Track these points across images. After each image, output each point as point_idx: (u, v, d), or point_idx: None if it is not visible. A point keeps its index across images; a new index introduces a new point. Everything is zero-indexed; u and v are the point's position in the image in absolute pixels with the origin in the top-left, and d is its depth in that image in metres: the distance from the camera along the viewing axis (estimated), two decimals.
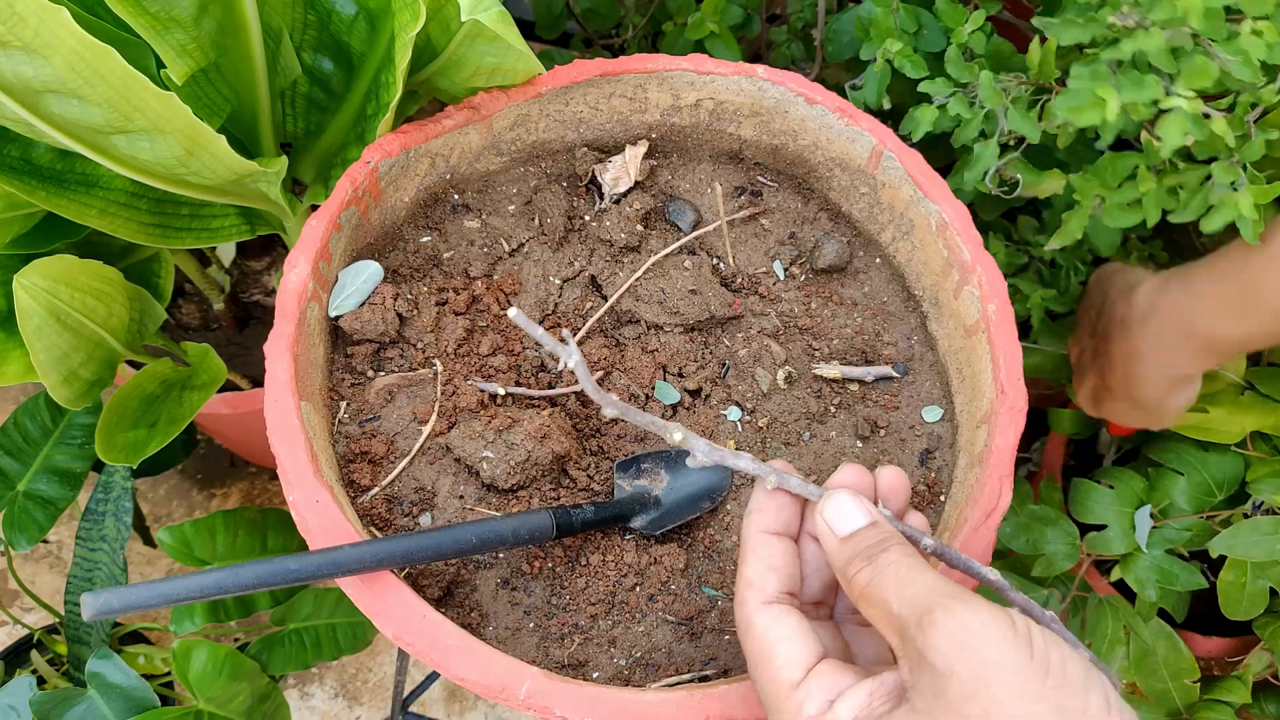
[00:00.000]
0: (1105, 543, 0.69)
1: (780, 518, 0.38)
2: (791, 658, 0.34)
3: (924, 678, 0.31)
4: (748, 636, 0.36)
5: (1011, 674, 0.29)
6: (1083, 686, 0.30)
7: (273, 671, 0.78)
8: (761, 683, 0.35)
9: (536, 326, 0.33)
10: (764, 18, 0.83)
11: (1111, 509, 0.70)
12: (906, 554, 0.34)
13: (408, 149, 0.54)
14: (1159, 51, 0.51)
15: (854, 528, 0.36)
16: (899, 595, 0.33)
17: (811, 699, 0.33)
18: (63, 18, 0.42)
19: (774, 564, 0.37)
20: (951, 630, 0.30)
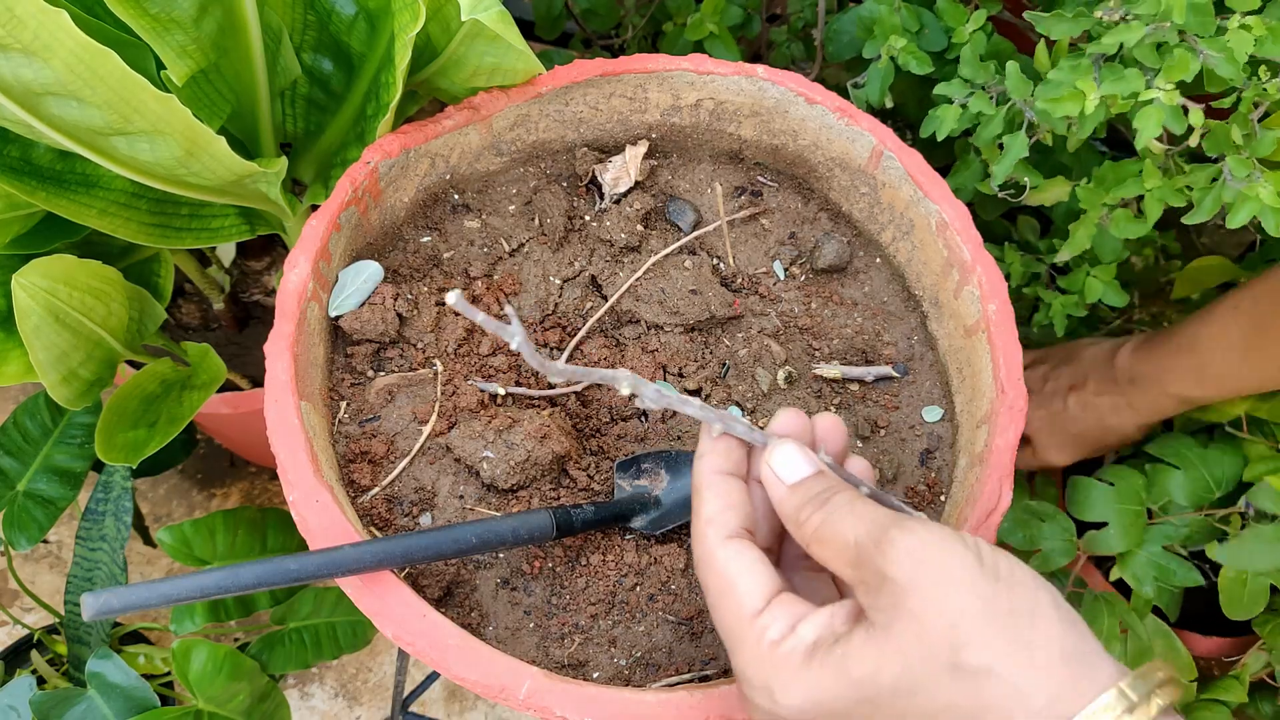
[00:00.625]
0: (1105, 541, 0.69)
1: (731, 458, 0.39)
2: (752, 588, 0.35)
3: (883, 595, 0.32)
4: (708, 571, 0.37)
5: (967, 581, 0.31)
6: (1032, 588, 0.32)
7: (273, 671, 0.78)
8: (722, 615, 0.36)
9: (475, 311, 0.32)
10: (764, 18, 0.83)
11: (1111, 506, 0.70)
12: (855, 496, 0.36)
13: (408, 149, 0.54)
14: (1140, 45, 0.51)
15: (801, 476, 0.37)
16: (854, 527, 0.34)
17: (774, 624, 0.34)
18: (62, 20, 0.42)
19: (731, 501, 0.38)
20: (910, 546, 0.32)
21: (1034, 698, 0.29)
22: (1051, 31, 0.56)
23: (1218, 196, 0.56)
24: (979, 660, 0.30)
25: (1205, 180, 0.57)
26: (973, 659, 0.30)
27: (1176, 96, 0.52)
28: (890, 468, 0.54)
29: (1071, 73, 0.55)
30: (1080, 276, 0.73)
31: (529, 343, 0.33)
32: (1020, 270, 0.78)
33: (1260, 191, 0.53)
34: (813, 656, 0.33)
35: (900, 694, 0.31)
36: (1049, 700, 0.29)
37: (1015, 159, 0.61)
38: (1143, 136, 0.53)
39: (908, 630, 0.31)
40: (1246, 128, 0.55)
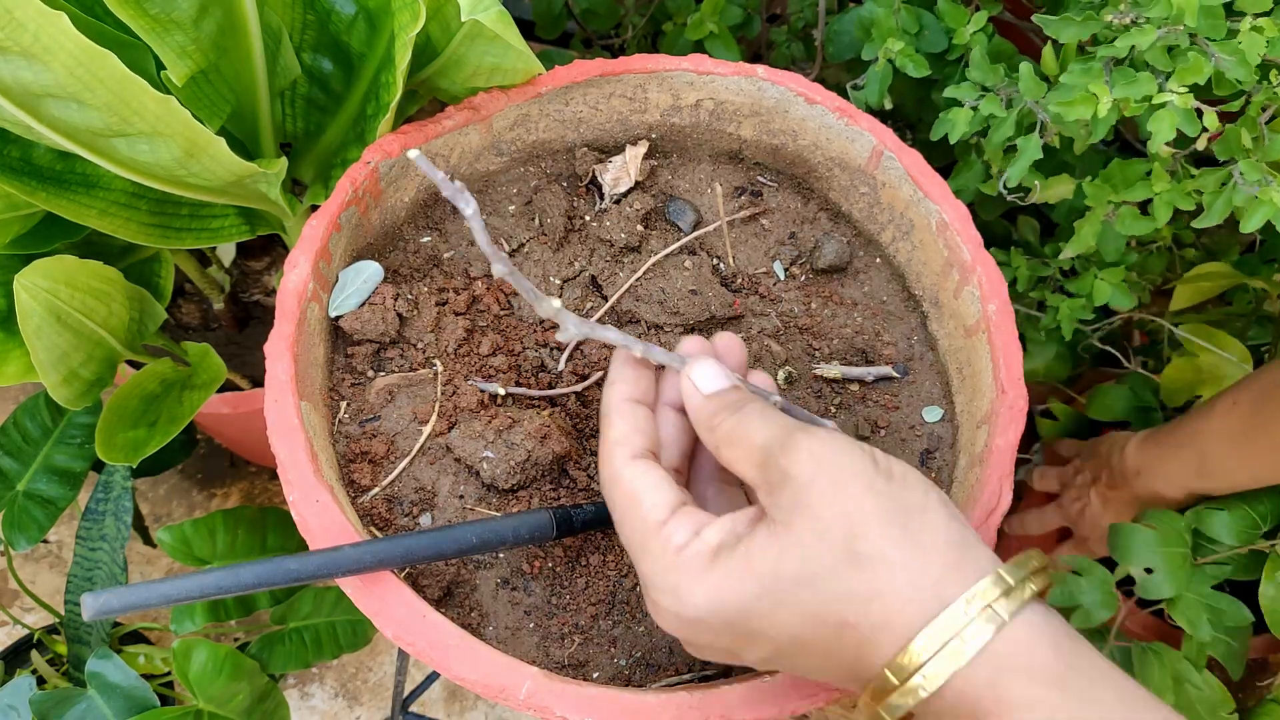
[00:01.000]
0: (1155, 587, 0.67)
1: (639, 386, 0.41)
2: (658, 501, 0.37)
3: (784, 494, 0.34)
4: (615, 488, 0.38)
5: (863, 478, 0.34)
6: (922, 489, 0.34)
7: (273, 670, 0.78)
8: (628, 528, 0.37)
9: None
10: (764, 18, 0.83)
11: (1156, 551, 0.68)
12: (766, 406, 0.38)
13: (408, 149, 0.54)
14: (1153, 48, 0.51)
15: (718, 387, 0.39)
16: (761, 430, 0.36)
17: (679, 530, 0.36)
18: (61, 23, 0.42)
19: (638, 425, 0.40)
20: (811, 447, 0.35)
21: (921, 581, 0.32)
22: (1060, 35, 0.56)
23: (1228, 200, 0.56)
24: (873, 548, 0.32)
25: (1215, 184, 0.57)
26: (867, 547, 0.32)
27: (1191, 99, 0.52)
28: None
29: (1084, 76, 0.55)
30: (1088, 279, 0.73)
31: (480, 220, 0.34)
32: (1027, 273, 0.78)
33: (1275, 196, 0.53)
34: (716, 557, 0.35)
35: (801, 584, 0.33)
36: (934, 583, 0.32)
37: (1029, 161, 0.61)
38: (1156, 140, 0.53)
39: (807, 524, 0.33)
40: (1255, 131, 0.55)
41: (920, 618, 0.32)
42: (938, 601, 0.32)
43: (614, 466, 0.39)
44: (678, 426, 0.42)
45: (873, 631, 0.32)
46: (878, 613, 0.32)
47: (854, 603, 0.32)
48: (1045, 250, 0.80)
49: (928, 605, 0.32)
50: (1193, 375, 0.75)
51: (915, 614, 0.32)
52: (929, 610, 0.32)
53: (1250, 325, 0.80)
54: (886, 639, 0.32)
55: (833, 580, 0.32)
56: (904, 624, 0.32)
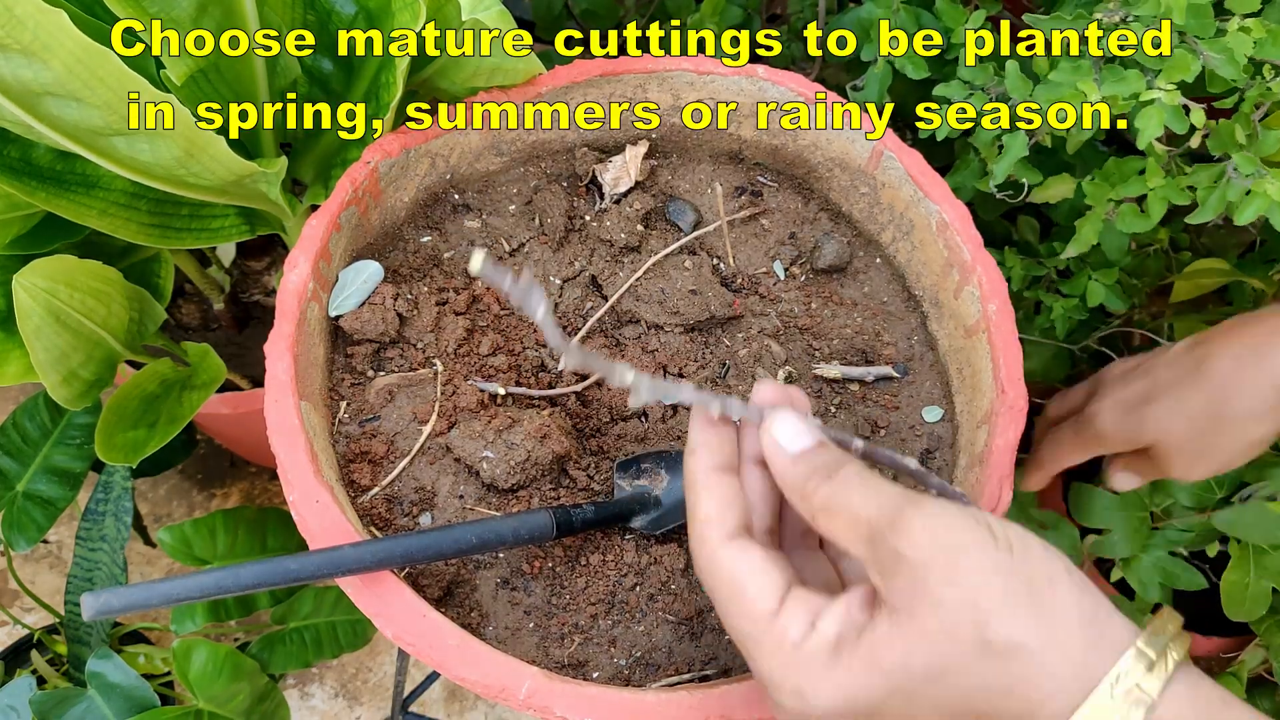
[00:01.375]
0: (1109, 546, 0.69)
1: (724, 453, 0.38)
2: (764, 587, 0.34)
3: (900, 577, 0.31)
4: (714, 575, 0.36)
5: (984, 557, 0.31)
6: (1044, 558, 0.32)
7: (274, 670, 0.78)
8: (735, 619, 0.35)
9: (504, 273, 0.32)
10: (764, 18, 0.83)
11: (1114, 512, 0.70)
12: (862, 468, 0.35)
13: (408, 149, 0.55)
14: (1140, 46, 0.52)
15: (804, 446, 0.36)
16: (865, 502, 0.33)
17: (793, 624, 0.33)
18: (61, 21, 0.42)
19: (728, 499, 0.37)
20: (924, 524, 0.32)
21: (1061, 668, 0.30)
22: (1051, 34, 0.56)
23: (1223, 194, 0.56)
24: (1004, 636, 0.30)
25: (1209, 179, 0.57)
26: (998, 635, 0.30)
27: (1178, 97, 0.52)
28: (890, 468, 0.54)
29: (1072, 74, 0.55)
30: (1082, 280, 0.73)
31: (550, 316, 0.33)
32: (1021, 273, 0.78)
33: (1268, 187, 0.53)
34: (839, 652, 0.32)
35: (932, 679, 0.31)
36: (1075, 667, 0.30)
37: (1015, 158, 0.61)
38: (1144, 136, 0.53)
39: (931, 612, 0.31)
40: (1249, 128, 0.55)
41: (1065, 707, 0.30)
42: (1080, 688, 0.30)
43: (709, 549, 0.36)
44: (764, 483, 0.39)
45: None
46: (1018, 705, 0.30)
47: (991, 696, 0.30)
48: (1041, 250, 0.80)
49: (1071, 693, 0.30)
50: None
51: (1059, 705, 0.30)
52: (1073, 699, 0.30)
53: None
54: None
55: (966, 674, 0.30)
56: (1048, 716, 0.30)
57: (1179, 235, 0.81)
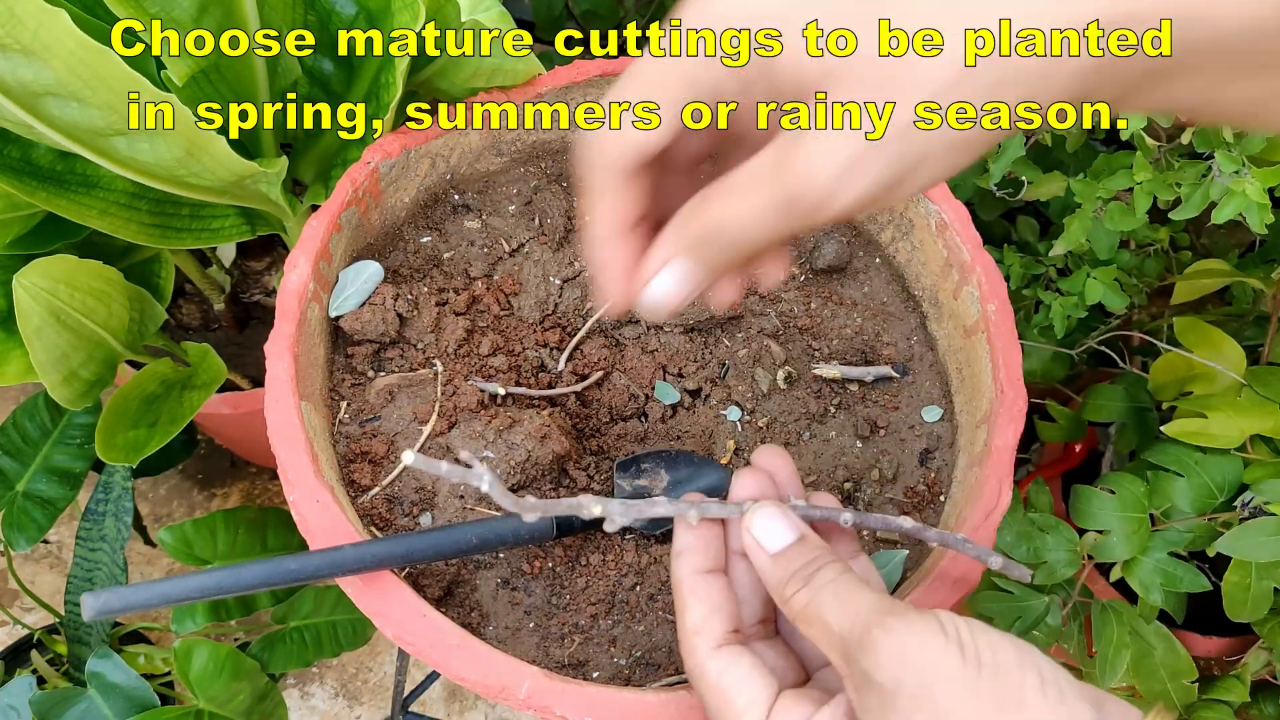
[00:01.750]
0: (1109, 548, 0.69)
1: (709, 553, 0.38)
2: (752, 699, 0.34)
3: (871, 696, 0.32)
4: (702, 684, 0.36)
5: (952, 677, 0.31)
6: (1017, 670, 0.31)
7: (274, 670, 0.78)
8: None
9: (437, 464, 0.32)
10: None
11: (1114, 514, 0.70)
12: (839, 571, 0.35)
13: (408, 149, 0.55)
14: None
15: (784, 544, 0.37)
16: (838, 616, 0.34)
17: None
18: (62, 21, 0.42)
19: (715, 605, 0.37)
20: (891, 647, 0.31)
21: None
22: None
23: (1206, 192, 0.56)
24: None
25: (1195, 176, 0.57)
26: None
27: None
28: (890, 468, 0.54)
29: None
30: (1080, 278, 0.73)
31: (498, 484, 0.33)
32: (1020, 272, 0.78)
33: (1247, 188, 0.53)
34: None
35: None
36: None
37: (1012, 158, 0.61)
38: (1130, 126, 0.54)
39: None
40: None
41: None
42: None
43: (698, 660, 0.36)
44: (753, 574, 0.39)
45: None
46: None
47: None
48: (1040, 249, 0.80)
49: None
50: (1184, 370, 0.75)
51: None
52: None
53: (1248, 325, 0.80)
54: None
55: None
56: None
57: (1179, 235, 0.81)
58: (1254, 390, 0.71)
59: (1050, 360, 0.83)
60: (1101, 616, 0.71)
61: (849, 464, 0.54)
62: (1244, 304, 0.82)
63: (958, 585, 0.44)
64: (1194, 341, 0.74)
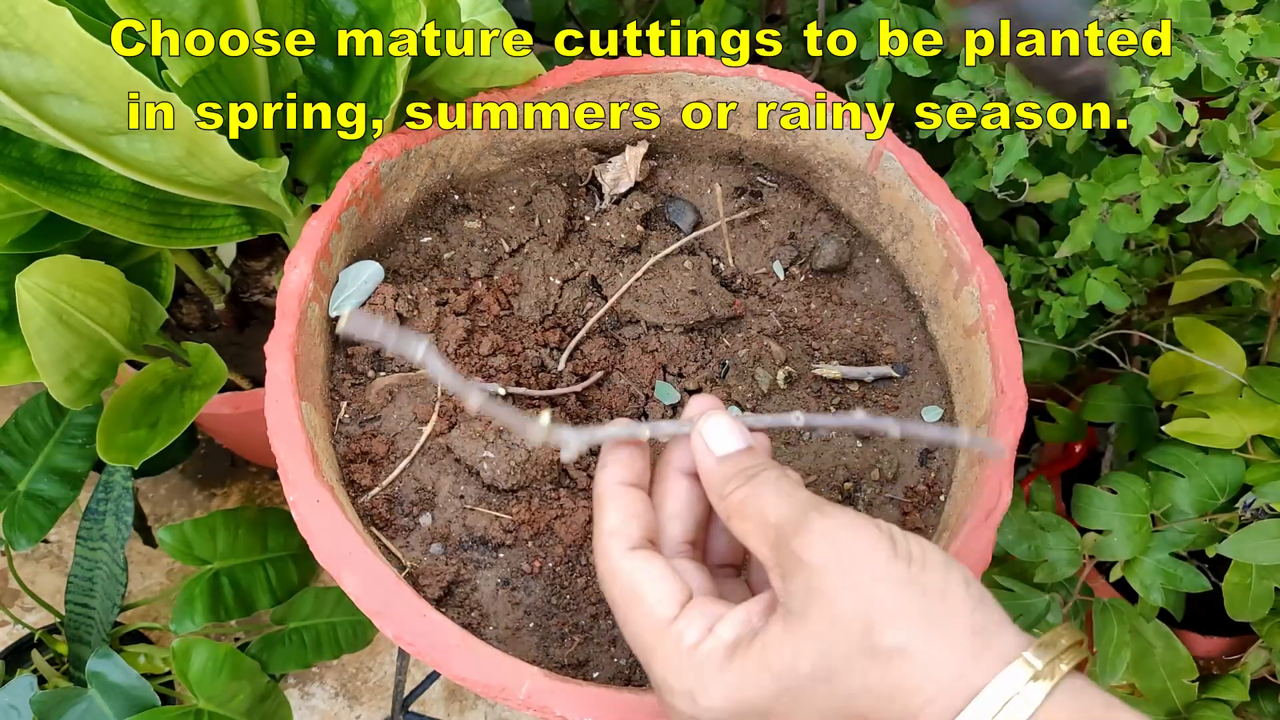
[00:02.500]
0: (1110, 548, 0.69)
1: (634, 469, 0.39)
2: (663, 595, 0.34)
3: (798, 579, 0.32)
4: (614, 584, 0.36)
5: (881, 563, 0.32)
6: (943, 570, 0.32)
7: (273, 670, 0.78)
8: (633, 627, 0.35)
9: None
10: (764, 18, 0.83)
11: (1115, 514, 0.70)
12: (781, 474, 0.36)
13: (408, 149, 0.55)
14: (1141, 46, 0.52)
15: (731, 449, 0.37)
16: (775, 506, 0.34)
17: (691, 627, 0.34)
18: (64, 20, 0.42)
19: (634, 512, 0.37)
20: (826, 529, 0.32)
21: (943, 672, 0.30)
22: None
23: (1214, 194, 0.56)
24: (892, 640, 0.31)
25: (1202, 179, 0.57)
26: (886, 639, 0.31)
27: (1171, 94, 0.53)
28: (890, 468, 0.54)
29: None
30: (1081, 278, 0.73)
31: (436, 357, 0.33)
32: (1020, 272, 0.78)
33: (1257, 189, 0.53)
34: (733, 654, 0.33)
35: (818, 680, 0.31)
36: (957, 674, 0.30)
37: (1015, 159, 0.61)
38: (1137, 132, 0.54)
39: (823, 615, 0.31)
40: (1244, 128, 0.55)
41: (944, 712, 0.30)
42: (962, 696, 0.30)
43: (611, 560, 0.36)
44: (690, 494, 0.39)
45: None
46: (898, 710, 0.30)
47: (874, 699, 0.31)
48: (1041, 249, 0.80)
49: (952, 700, 0.30)
50: (1184, 370, 0.75)
51: (937, 710, 0.30)
52: (953, 705, 0.30)
53: (1247, 325, 0.80)
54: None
55: (850, 676, 0.31)
56: None
57: (1179, 235, 0.81)
58: (1255, 390, 0.71)
59: (1050, 360, 0.83)
60: (1102, 615, 0.71)
61: (849, 464, 0.54)
62: (1244, 304, 0.82)
63: None
64: (1194, 341, 0.74)
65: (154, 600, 0.87)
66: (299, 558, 0.83)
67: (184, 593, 0.75)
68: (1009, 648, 0.31)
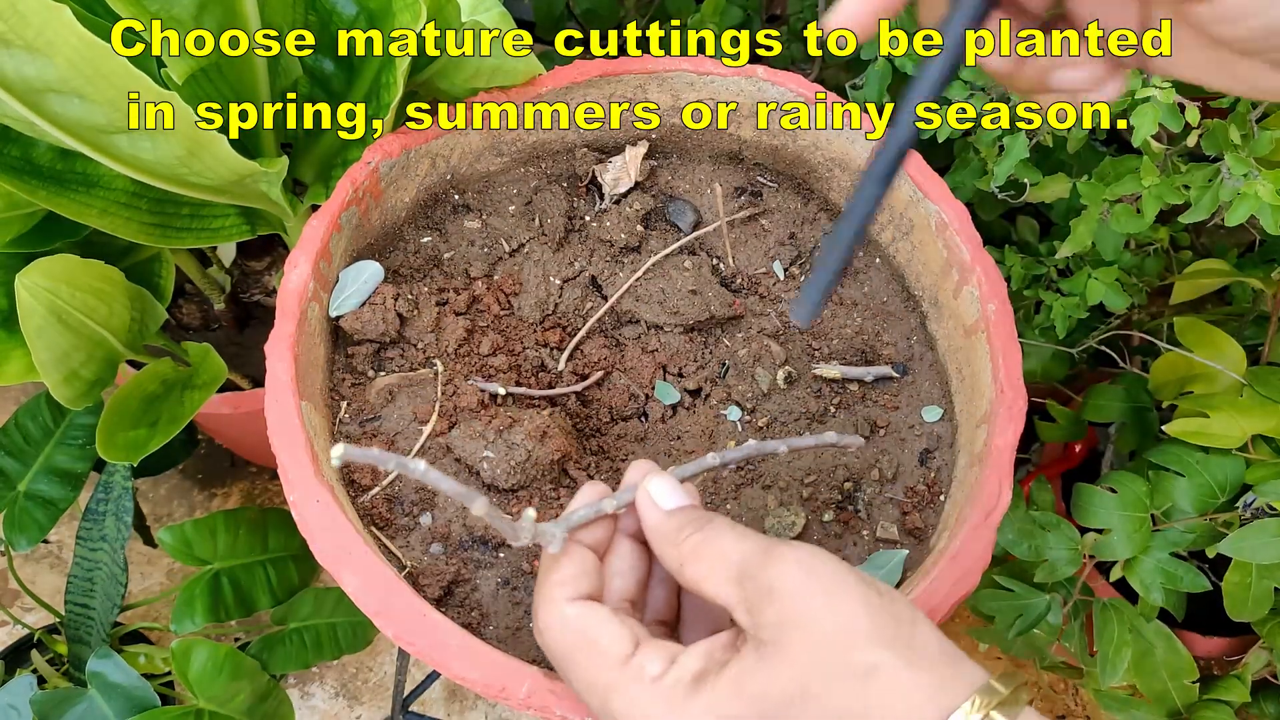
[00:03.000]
0: (1110, 547, 0.69)
1: (593, 534, 0.39)
2: (616, 636, 0.34)
3: (770, 609, 0.32)
4: (562, 631, 0.35)
5: (854, 588, 0.33)
6: (907, 604, 0.33)
7: (273, 671, 0.78)
8: (584, 671, 0.35)
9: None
10: (764, 18, 0.83)
11: (1115, 513, 0.70)
12: (732, 522, 0.37)
13: (408, 149, 0.55)
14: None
15: (678, 504, 0.38)
16: (736, 544, 0.35)
17: (651, 661, 0.34)
18: (65, 17, 0.42)
19: (584, 569, 0.37)
20: (798, 557, 0.33)
21: (918, 693, 0.31)
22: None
23: (1215, 195, 0.56)
24: (869, 660, 0.31)
25: (1203, 179, 0.57)
26: (863, 659, 0.31)
27: (1173, 95, 0.53)
28: (890, 467, 0.54)
29: None
30: (1082, 278, 0.73)
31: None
32: (1020, 272, 0.78)
33: (1259, 189, 0.53)
34: (700, 683, 0.32)
35: (793, 703, 0.31)
36: (931, 696, 0.31)
37: (1016, 160, 0.61)
38: (1139, 133, 0.54)
39: (803, 638, 0.32)
40: (1245, 128, 0.55)
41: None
42: (938, 711, 0.31)
43: (556, 609, 0.36)
44: (634, 554, 0.40)
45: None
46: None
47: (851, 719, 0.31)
48: (1041, 249, 0.80)
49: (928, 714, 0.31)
50: (1185, 370, 0.75)
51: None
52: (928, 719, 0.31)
53: (1247, 325, 0.80)
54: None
55: (829, 697, 0.31)
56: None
57: (1179, 235, 0.81)
58: (1255, 390, 0.71)
59: (1050, 360, 0.83)
60: (1102, 615, 0.71)
61: (849, 464, 0.54)
62: (1244, 303, 0.82)
63: (958, 585, 0.44)
64: (1194, 341, 0.74)
65: (154, 600, 0.87)
66: (299, 558, 0.83)
67: (184, 593, 0.75)
68: (976, 675, 0.32)
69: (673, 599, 0.41)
